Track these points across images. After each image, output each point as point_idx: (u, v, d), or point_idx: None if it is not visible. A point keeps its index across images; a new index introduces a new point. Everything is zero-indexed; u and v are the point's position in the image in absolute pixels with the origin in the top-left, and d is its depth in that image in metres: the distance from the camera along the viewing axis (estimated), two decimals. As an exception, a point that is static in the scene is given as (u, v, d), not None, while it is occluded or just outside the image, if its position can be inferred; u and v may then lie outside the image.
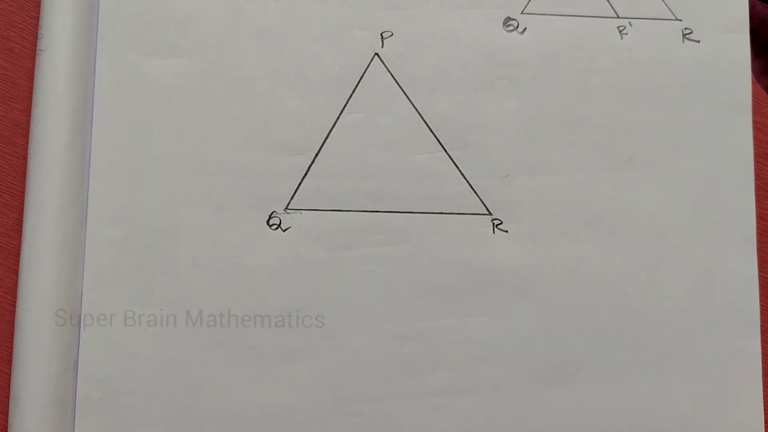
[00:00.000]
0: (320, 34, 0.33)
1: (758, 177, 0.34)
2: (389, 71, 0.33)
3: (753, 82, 0.34)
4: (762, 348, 0.32)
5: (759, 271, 0.33)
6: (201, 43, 0.33)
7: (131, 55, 0.32)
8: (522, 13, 0.34)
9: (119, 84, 0.32)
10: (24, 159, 0.32)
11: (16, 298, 0.31)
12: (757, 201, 0.33)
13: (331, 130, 0.33)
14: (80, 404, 0.31)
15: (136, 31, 0.33)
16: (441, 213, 0.32)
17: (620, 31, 0.34)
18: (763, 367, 0.32)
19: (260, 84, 0.33)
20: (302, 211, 0.32)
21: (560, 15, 0.34)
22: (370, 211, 0.32)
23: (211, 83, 0.32)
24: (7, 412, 0.30)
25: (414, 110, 0.33)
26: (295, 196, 0.32)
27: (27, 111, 0.32)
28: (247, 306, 0.31)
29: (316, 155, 0.32)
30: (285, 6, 0.33)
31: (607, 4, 0.34)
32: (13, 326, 0.31)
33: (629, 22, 0.34)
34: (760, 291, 0.33)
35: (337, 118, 0.33)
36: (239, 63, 0.33)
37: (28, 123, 0.32)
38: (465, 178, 0.33)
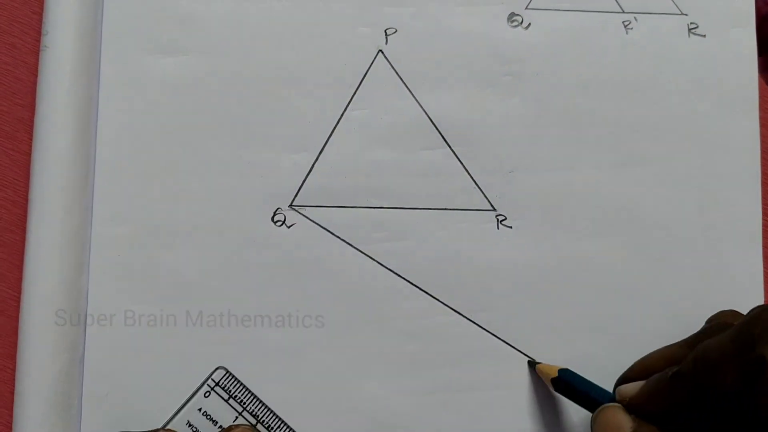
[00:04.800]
0: (324, 32, 0.33)
1: (765, 173, 0.33)
2: (393, 68, 0.33)
3: (759, 78, 0.34)
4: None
5: (764, 268, 0.33)
6: (206, 40, 0.33)
7: (136, 52, 0.32)
8: (526, 8, 0.33)
9: (124, 81, 0.32)
10: (26, 155, 0.32)
11: (20, 293, 0.31)
12: (764, 197, 0.33)
13: (335, 127, 0.32)
14: (86, 400, 0.31)
15: (141, 29, 0.32)
16: (445, 209, 0.32)
17: (625, 26, 0.34)
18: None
19: (265, 81, 0.32)
20: (307, 208, 0.32)
21: (565, 10, 0.34)
22: (375, 208, 0.32)
23: (215, 81, 0.32)
24: (12, 406, 0.30)
25: (418, 106, 0.33)
26: (299, 193, 0.32)
27: (29, 106, 0.32)
28: (247, 306, 0.31)
29: (321, 152, 0.32)
30: (289, 4, 0.33)
31: (613, -2, 0.34)
32: (17, 321, 0.31)
33: (634, 17, 0.34)
34: (765, 288, 0.33)
35: (341, 114, 0.32)
36: (244, 61, 0.32)
37: (30, 119, 0.32)
38: (469, 174, 0.33)
